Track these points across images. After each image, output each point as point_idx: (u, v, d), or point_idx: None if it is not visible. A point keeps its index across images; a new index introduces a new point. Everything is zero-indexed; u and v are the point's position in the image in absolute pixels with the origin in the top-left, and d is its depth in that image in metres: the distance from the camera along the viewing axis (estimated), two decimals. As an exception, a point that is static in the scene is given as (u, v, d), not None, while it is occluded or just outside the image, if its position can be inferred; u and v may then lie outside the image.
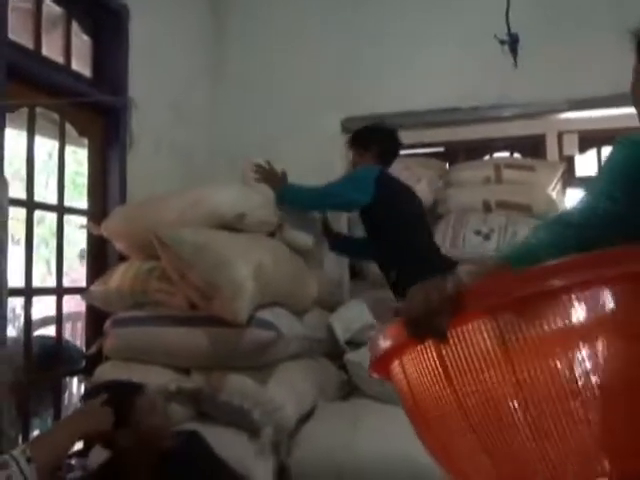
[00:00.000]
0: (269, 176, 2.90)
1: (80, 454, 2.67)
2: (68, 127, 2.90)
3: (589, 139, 4.65)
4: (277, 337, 2.41)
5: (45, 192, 3.21)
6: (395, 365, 1.05)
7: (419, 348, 0.97)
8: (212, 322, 2.42)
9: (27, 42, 2.69)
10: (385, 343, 1.03)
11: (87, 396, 2.02)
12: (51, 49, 2.84)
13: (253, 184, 2.90)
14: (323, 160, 3.65)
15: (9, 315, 2.31)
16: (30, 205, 2.64)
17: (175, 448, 1.83)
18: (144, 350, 2.56)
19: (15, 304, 3.01)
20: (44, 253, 5.00)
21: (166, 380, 2.47)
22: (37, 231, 2.70)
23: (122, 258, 2.87)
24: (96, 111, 3.01)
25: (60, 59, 2.87)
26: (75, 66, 2.96)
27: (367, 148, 2.95)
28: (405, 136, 3.08)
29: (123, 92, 3.06)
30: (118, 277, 2.70)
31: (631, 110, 1.17)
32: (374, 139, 2.97)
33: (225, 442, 2.11)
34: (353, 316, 2.75)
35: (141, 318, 2.61)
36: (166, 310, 2.58)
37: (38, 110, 2.72)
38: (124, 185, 3.04)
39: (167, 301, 2.57)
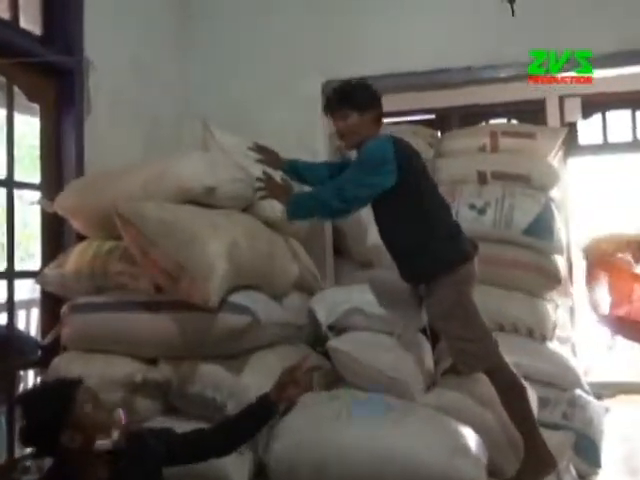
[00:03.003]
0: (274, 189, 2.70)
1: (36, 455, 2.65)
2: (17, 92, 2.83)
3: (593, 103, 4.68)
4: (253, 322, 2.41)
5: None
6: None
7: None
8: (180, 307, 2.42)
9: (-32, -4, 2.62)
10: None
11: (19, 401, 2.03)
12: (-4, 4, 2.77)
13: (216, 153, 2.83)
14: (303, 127, 3.65)
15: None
16: (-25, 179, 2.59)
17: (131, 445, 1.82)
18: (106, 339, 2.55)
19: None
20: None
21: (131, 371, 2.47)
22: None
23: (80, 237, 2.83)
24: (48, 73, 2.94)
25: (6, 15, 2.79)
26: (24, 23, 2.88)
27: (365, 109, 2.66)
28: (391, 101, 3.04)
29: (78, 51, 3.00)
30: (75, 258, 2.67)
31: (640, 70, 1.15)
32: (370, 97, 2.69)
33: (196, 438, 2.09)
34: (337, 299, 2.74)
35: (102, 303, 2.59)
36: (129, 294, 2.56)
37: (-18, 74, 2.66)
38: (81, 156, 2.99)
39: (130, 284, 2.55)
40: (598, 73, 3.45)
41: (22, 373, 3.08)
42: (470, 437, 2.35)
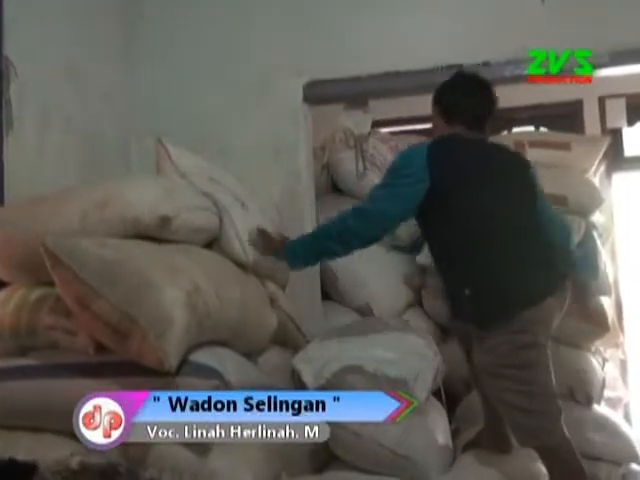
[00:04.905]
0: (268, 246, 2.80)
1: None
2: None
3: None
4: (221, 388, 2.36)
5: None
6: None
7: None
8: (129, 370, 2.39)
9: None
10: None
11: None
12: None
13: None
14: (281, 141, 3.66)
15: None
16: None
17: None
18: (34, 412, 2.50)
19: None
20: None
21: (65, 454, 2.39)
22: None
23: (0, 284, 2.80)
24: (-42, 79, 2.97)
25: None
26: None
27: (434, 106, 2.81)
28: (389, 107, 3.05)
29: (-4, 52, 3.03)
30: (-6, 311, 2.65)
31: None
32: (439, 90, 2.81)
33: (151, 538, 2.06)
34: (327, 355, 2.73)
35: (28, 368, 2.55)
36: (63, 355, 2.53)
37: None
38: (1, 180, 3.00)
39: (64, 342, 2.52)
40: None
41: None
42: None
